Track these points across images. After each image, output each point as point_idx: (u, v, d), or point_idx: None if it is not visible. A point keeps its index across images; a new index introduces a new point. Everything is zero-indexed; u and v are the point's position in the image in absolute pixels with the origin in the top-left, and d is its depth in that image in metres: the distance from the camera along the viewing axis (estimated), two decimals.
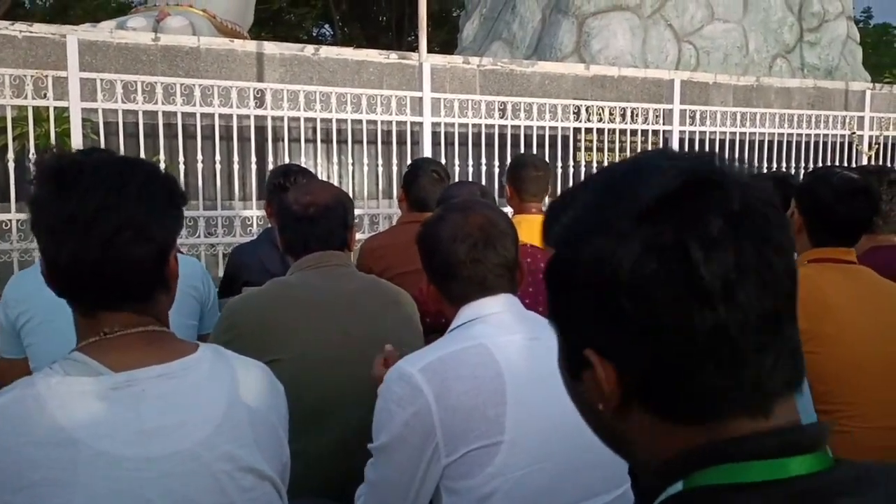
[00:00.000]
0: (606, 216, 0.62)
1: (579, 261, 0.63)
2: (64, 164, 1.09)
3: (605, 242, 0.61)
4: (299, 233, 1.97)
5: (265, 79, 6.50)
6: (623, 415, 0.64)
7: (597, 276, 0.61)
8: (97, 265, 1.06)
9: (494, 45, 10.40)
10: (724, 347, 0.59)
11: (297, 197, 2.01)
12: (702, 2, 9.67)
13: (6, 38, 5.63)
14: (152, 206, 1.09)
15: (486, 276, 1.47)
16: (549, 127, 6.65)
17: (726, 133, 7.30)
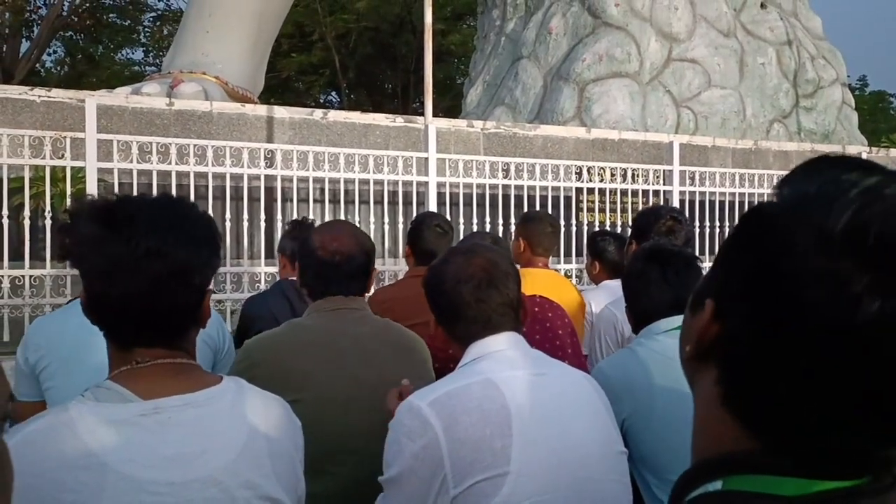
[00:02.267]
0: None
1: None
2: (115, 205, 1.14)
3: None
4: (321, 277, 2.00)
5: (275, 141, 6.68)
6: (699, 369, 0.64)
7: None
8: (144, 305, 1.10)
9: (497, 110, 10.66)
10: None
11: (324, 242, 2.01)
12: (698, 69, 9.96)
13: (25, 103, 5.83)
14: (199, 250, 1.15)
15: (490, 316, 1.54)
16: (551, 187, 6.78)
17: (726, 194, 7.42)
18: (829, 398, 0.55)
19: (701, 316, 0.63)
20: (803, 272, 0.54)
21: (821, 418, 0.56)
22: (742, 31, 10.52)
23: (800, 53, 10.71)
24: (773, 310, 0.56)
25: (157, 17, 23.01)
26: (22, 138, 4.90)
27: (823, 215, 0.55)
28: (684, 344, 0.66)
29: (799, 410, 0.56)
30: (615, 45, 9.60)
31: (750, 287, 0.58)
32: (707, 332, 0.62)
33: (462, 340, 1.56)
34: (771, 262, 0.57)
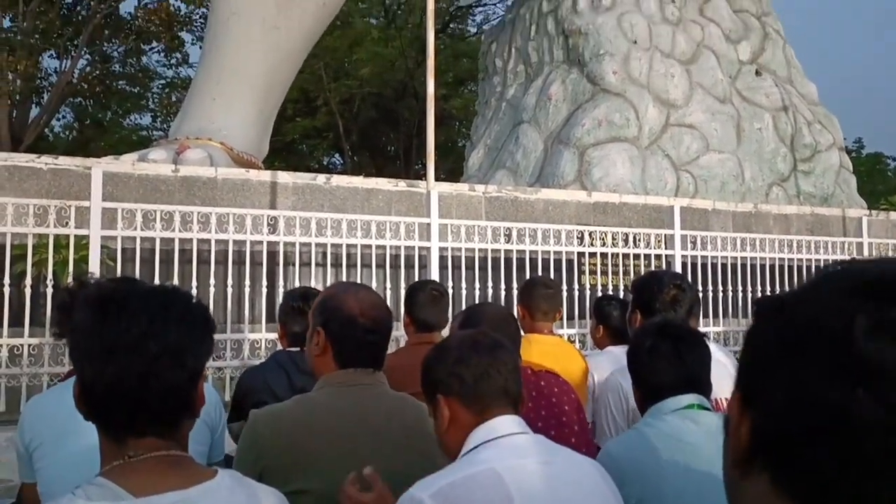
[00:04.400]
0: None
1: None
2: (107, 293, 1.15)
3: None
4: (360, 347, 1.90)
5: (278, 206, 6.73)
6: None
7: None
8: (135, 392, 1.10)
9: (499, 173, 10.78)
10: None
11: (364, 309, 1.90)
12: (696, 134, 10.11)
13: (32, 171, 5.90)
14: (190, 335, 1.15)
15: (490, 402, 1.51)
16: (553, 251, 6.79)
17: (727, 258, 7.43)
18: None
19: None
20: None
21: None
22: (738, 98, 10.72)
23: (796, 119, 10.89)
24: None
25: (166, 84, 23.54)
26: (27, 207, 4.94)
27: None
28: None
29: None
30: (614, 110, 9.77)
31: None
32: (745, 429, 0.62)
33: (464, 424, 1.53)
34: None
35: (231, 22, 8.77)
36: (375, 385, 1.94)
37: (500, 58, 11.99)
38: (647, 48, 10.13)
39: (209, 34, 9.28)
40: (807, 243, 7.84)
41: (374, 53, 21.88)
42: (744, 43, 11.12)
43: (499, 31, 12.50)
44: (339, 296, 2.00)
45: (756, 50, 11.26)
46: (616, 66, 9.92)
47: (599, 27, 10.15)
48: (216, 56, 8.78)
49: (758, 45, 11.30)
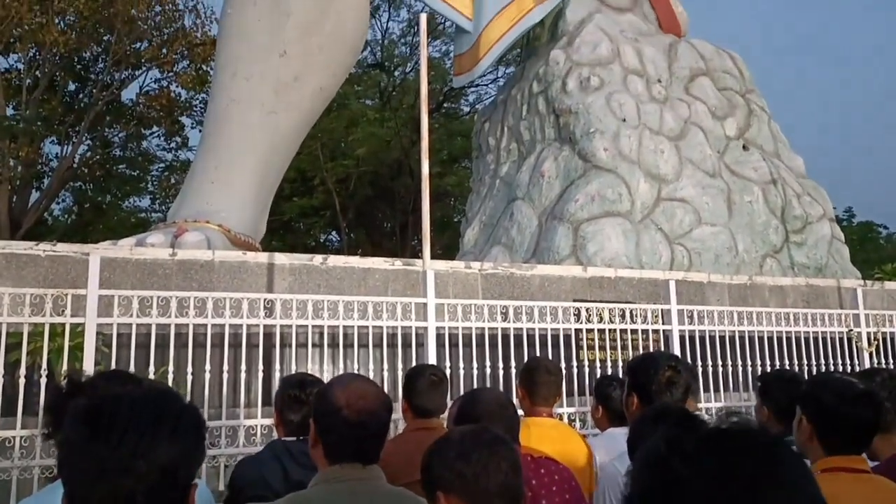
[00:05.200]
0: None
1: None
2: (96, 406, 1.14)
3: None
4: (344, 440, 1.87)
5: (275, 287, 6.75)
6: None
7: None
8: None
9: (494, 249, 10.86)
10: None
11: (350, 400, 1.89)
12: (688, 208, 10.25)
13: (30, 258, 5.94)
14: (182, 449, 1.14)
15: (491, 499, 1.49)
16: (550, 328, 6.77)
17: (725, 331, 7.41)
18: None
19: None
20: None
21: None
22: (727, 172, 10.92)
23: (785, 191, 11.07)
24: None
25: (165, 168, 23.94)
26: (23, 297, 4.95)
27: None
28: None
29: None
30: (606, 186, 9.93)
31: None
32: None
33: None
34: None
35: (230, 108, 9.00)
36: (368, 480, 1.90)
37: (493, 136, 12.26)
38: (636, 126, 10.38)
39: (209, 119, 9.51)
40: (804, 316, 7.84)
41: (370, 134, 22.36)
42: (730, 119, 11.42)
43: (491, 110, 12.83)
44: (331, 387, 2.01)
45: (742, 126, 11.55)
46: (607, 144, 10.14)
47: (589, 106, 10.43)
48: (215, 141, 8.97)
49: (743, 121, 11.60)
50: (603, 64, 10.84)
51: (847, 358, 7.87)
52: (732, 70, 12.09)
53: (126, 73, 21.71)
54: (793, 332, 7.75)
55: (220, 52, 9.52)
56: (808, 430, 2.26)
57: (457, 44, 12.10)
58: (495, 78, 23.70)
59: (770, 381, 3.19)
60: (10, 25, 18.16)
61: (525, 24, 11.28)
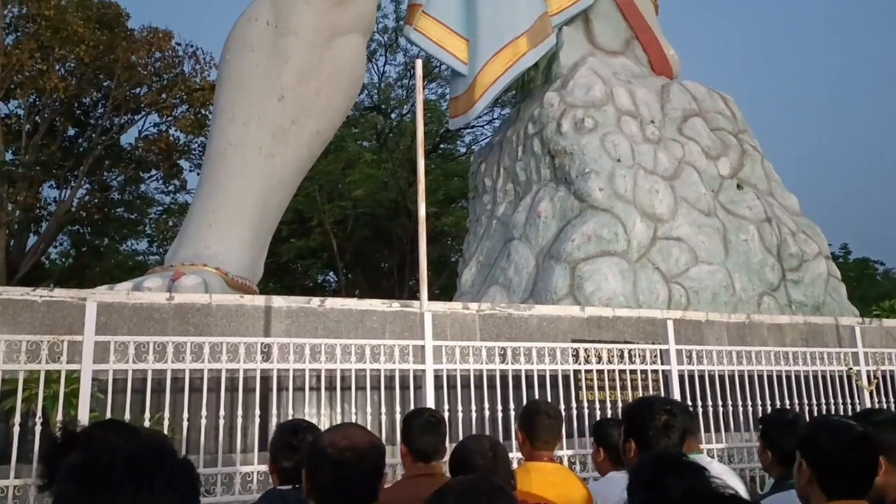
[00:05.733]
0: None
1: None
2: (91, 462, 1.14)
3: None
4: (334, 479, 1.88)
5: (272, 330, 6.73)
6: None
7: None
8: None
9: (492, 289, 10.86)
10: None
11: (334, 440, 1.92)
12: (684, 247, 10.29)
13: (26, 304, 5.93)
14: (177, 501, 1.13)
15: None
16: (549, 369, 6.74)
17: (724, 371, 7.38)
18: None
19: None
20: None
21: None
22: (722, 211, 11.00)
23: (780, 230, 11.13)
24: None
25: (163, 211, 24.05)
26: (19, 343, 4.93)
27: None
28: None
29: None
30: (602, 225, 9.98)
31: None
32: None
33: None
34: None
35: (228, 152, 9.07)
36: None
37: (490, 177, 12.37)
38: (631, 166, 10.49)
39: (206, 163, 9.58)
40: (802, 355, 7.81)
41: (367, 175, 22.54)
42: (723, 159, 11.54)
43: (487, 151, 12.96)
44: (321, 433, 2.08)
45: (735, 165, 11.67)
46: (602, 184, 10.23)
47: (584, 147, 10.54)
48: (213, 184, 9.02)
49: (737, 161, 11.73)
50: (597, 106, 10.99)
51: (847, 397, 7.82)
52: (724, 111, 12.27)
53: (125, 117, 21.95)
54: (792, 371, 7.71)
55: (219, 97, 9.64)
56: (808, 473, 2.25)
57: (452, 87, 12.29)
58: (491, 119, 24.01)
59: (771, 424, 3.17)
60: (11, 72, 18.41)
61: (519, 67, 11.48)
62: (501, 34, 11.36)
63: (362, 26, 10.17)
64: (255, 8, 9.59)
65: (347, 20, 9.76)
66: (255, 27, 9.42)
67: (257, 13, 9.50)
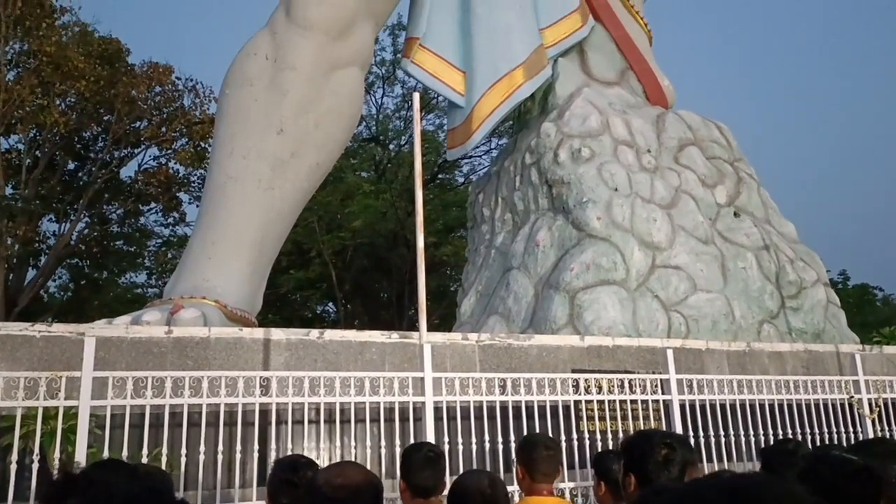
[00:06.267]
0: None
1: None
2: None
3: None
4: None
5: (271, 363, 6.70)
6: None
7: None
8: None
9: (491, 319, 10.84)
10: None
11: (329, 478, 1.93)
12: (683, 275, 10.30)
13: (25, 339, 5.92)
14: None
15: None
16: (549, 400, 6.70)
17: (725, 400, 7.34)
18: None
19: None
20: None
21: None
22: (720, 238, 11.03)
23: (778, 257, 11.15)
24: None
25: (162, 243, 24.09)
26: (17, 380, 4.91)
27: None
28: None
29: None
30: (601, 254, 10.00)
31: None
32: None
33: None
34: None
35: (227, 185, 9.12)
36: None
37: (488, 207, 12.42)
38: (628, 195, 10.54)
39: (206, 196, 9.62)
40: (803, 383, 7.78)
41: (366, 206, 22.63)
42: (720, 187, 11.61)
43: (485, 182, 13.03)
44: (320, 471, 2.09)
45: (732, 193, 11.73)
46: (600, 213, 10.28)
47: (581, 177, 10.61)
48: (212, 217, 9.05)
49: (733, 189, 11.79)
50: (593, 135, 11.09)
51: (849, 425, 7.77)
52: (720, 139, 12.37)
53: (125, 151, 22.09)
54: (794, 400, 7.68)
55: (218, 131, 9.72)
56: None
57: (450, 118, 12.40)
58: (489, 149, 24.19)
59: (772, 454, 3.16)
60: (11, 107, 18.56)
61: (516, 98, 11.60)
62: (497, 66, 11.49)
63: (360, 60, 10.29)
64: (254, 43, 9.72)
65: (346, 54, 9.88)
66: (255, 62, 9.53)
67: (257, 48, 9.62)
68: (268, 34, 9.72)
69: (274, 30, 9.72)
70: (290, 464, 3.04)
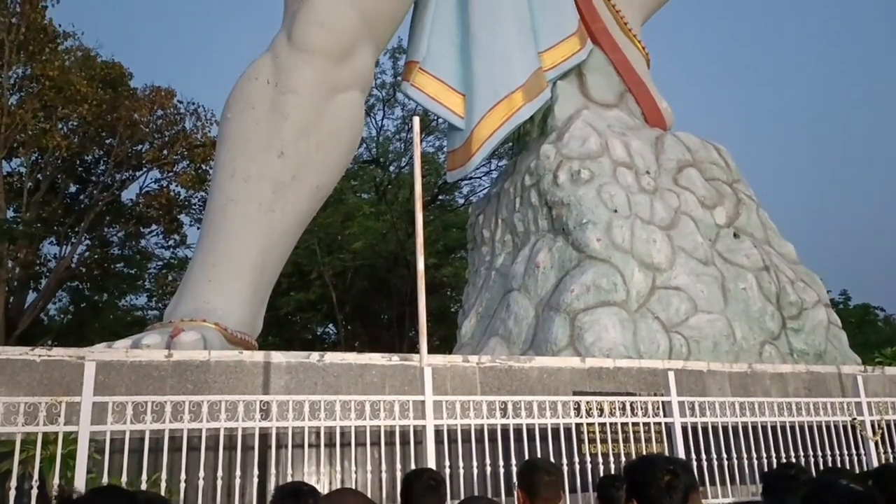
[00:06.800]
0: None
1: None
2: None
3: None
4: None
5: (271, 386, 6.68)
6: None
7: None
8: None
9: (492, 340, 10.82)
10: None
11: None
12: (683, 296, 10.29)
13: (25, 363, 5.91)
14: None
15: None
16: (550, 423, 6.68)
17: (728, 423, 7.31)
18: None
19: None
20: None
21: None
22: (720, 259, 11.03)
23: (778, 277, 11.15)
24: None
25: (163, 266, 24.10)
26: (17, 406, 4.90)
27: None
28: None
29: None
30: (601, 275, 10.00)
31: None
32: None
33: None
34: None
35: (228, 207, 9.15)
36: None
37: (488, 228, 12.45)
38: (628, 216, 10.57)
39: (207, 218, 9.64)
40: (806, 405, 7.75)
41: (366, 227, 22.68)
42: (719, 208, 11.64)
43: (485, 203, 13.07)
44: (321, 497, 2.05)
45: (731, 214, 11.76)
46: (599, 234, 10.29)
47: (581, 198, 10.64)
48: (213, 239, 9.06)
49: (733, 210, 11.82)
50: (592, 157, 11.14)
51: (853, 447, 7.73)
52: (718, 161, 12.42)
53: (127, 174, 22.19)
54: (796, 422, 7.64)
55: (220, 154, 9.76)
56: None
57: (449, 140, 12.46)
58: (489, 170, 24.28)
59: (773, 479, 3.15)
60: (14, 131, 18.67)
61: (515, 120, 11.68)
62: (497, 89, 11.58)
63: (361, 83, 10.37)
64: (256, 67, 9.80)
65: (346, 78, 9.96)
66: (256, 86, 9.61)
67: (258, 73, 9.70)
68: (269, 58, 9.80)
69: (275, 54, 9.80)
70: (293, 491, 3.03)
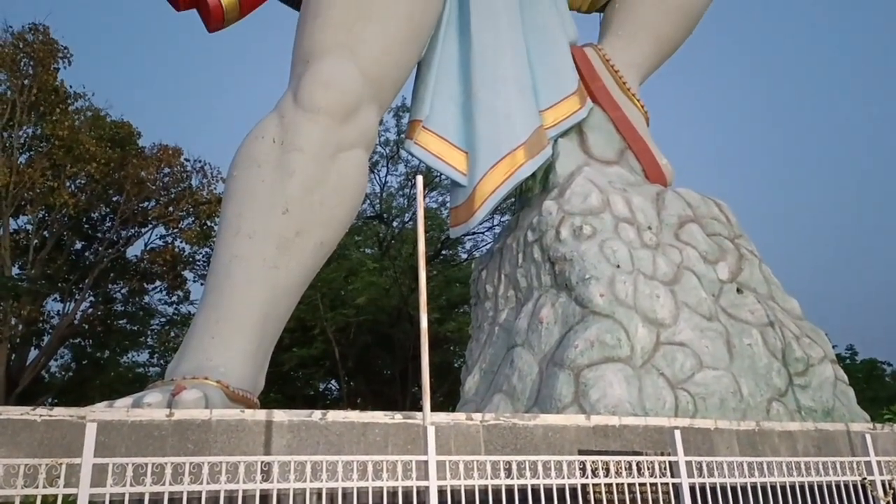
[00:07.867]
0: None
1: None
2: None
3: None
4: None
5: (273, 445, 6.60)
6: None
7: None
8: None
9: (496, 397, 10.72)
10: None
11: None
12: (688, 351, 10.22)
13: (26, 423, 5.86)
14: None
15: None
16: (556, 483, 6.56)
17: (736, 483, 7.17)
18: None
19: None
20: None
21: None
22: (724, 315, 11.00)
23: (784, 333, 11.10)
24: None
25: (166, 322, 24.07)
26: (17, 468, 4.85)
27: None
28: None
29: None
30: (605, 331, 9.97)
31: None
32: None
33: None
34: None
35: (233, 264, 9.20)
36: None
37: (491, 284, 12.47)
38: (631, 271, 10.59)
39: (211, 275, 9.68)
40: (815, 464, 7.61)
41: (369, 283, 22.72)
42: (721, 263, 11.67)
43: (488, 259, 13.12)
44: None
45: (734, 269, 11.78)
46: (602, 289, 10.30)
47: (583, 254, 10.69)
48: (217, 296, 9.09)
49: (735, 265, 11.84)
50: (594, 213, 11.23)
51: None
52: (720, 216, 12.51)
53: (132, 230, 22.37)
54: (805, 483, 7.50)
55: (225, 211, 9.87)
56: None
57: (452, 196, 12.60)
58: (492, 226, 24.44)
59: None
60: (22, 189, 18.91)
61: (517, 177, 11.83)
62: (499, 146, 11.76)
63: (365, 142, 10.54)
64: (262, 126, 9.99)
65: (351, 136, 10.13)
66: (262, 144, 9.77)
67: (264, 132, 9.88)
68: (275, 118, 10.00)
69: (281, 113, 10.00)
70: None
